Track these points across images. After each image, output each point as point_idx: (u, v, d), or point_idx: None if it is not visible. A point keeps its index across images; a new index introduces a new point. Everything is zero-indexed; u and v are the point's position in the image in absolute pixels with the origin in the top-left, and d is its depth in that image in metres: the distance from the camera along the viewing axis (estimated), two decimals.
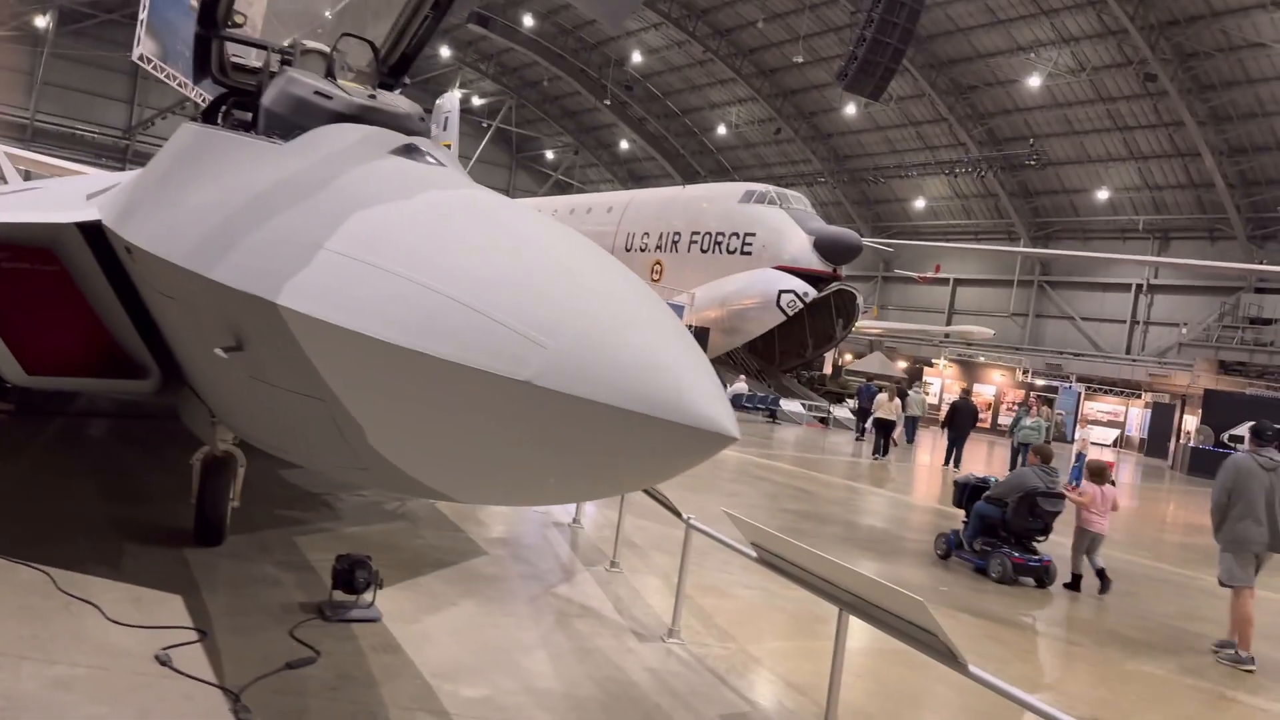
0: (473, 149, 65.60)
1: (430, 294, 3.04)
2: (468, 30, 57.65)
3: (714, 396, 2.90)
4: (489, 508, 9.77)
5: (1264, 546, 7.67)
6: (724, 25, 50.69)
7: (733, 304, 31.86)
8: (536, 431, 2.90)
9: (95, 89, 56.54)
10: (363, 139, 4.15)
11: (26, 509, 7.43)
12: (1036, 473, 9.96)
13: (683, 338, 3.14)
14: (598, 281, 3.25)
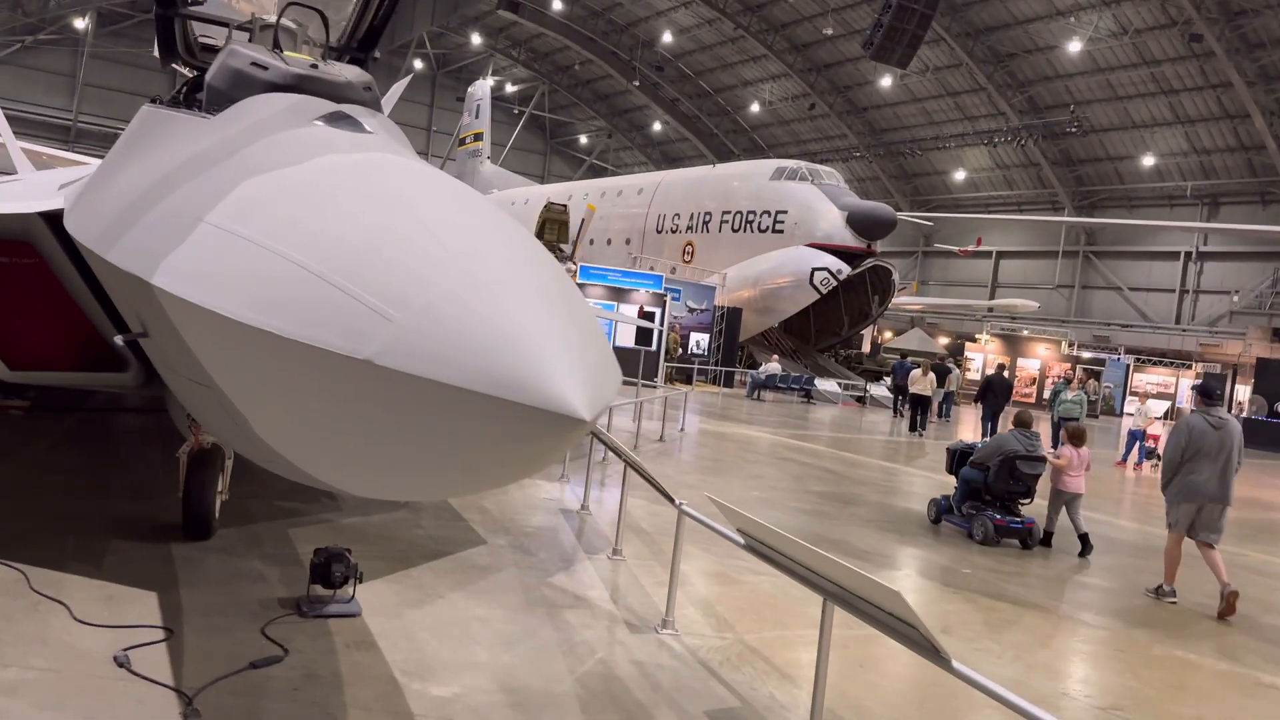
0: (507, 136, 65.58)
1: (283, 264, 2.77)
2: (498, 17, 57.52)
3: (568, 372, 2.56)
4: (497, 496, 9.59)
5: (1211, 498, 8.20)
6: (754, 1, 49.94)
7: (765, 283, 31.44)
8: (387, 416, 2.62)
9: (135, 89, 57.14)
10: (288, 107, 3.92)
11: (19, 506, 7.37)
12: (1016, 437, 10.11)
13: (558, 306, 2.83)
14: (472, 247, 2.92)
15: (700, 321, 30.43)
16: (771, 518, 10.20)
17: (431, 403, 2.50)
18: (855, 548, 9.19)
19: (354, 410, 2.67)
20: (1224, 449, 8.15)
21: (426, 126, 65.82)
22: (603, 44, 57.64)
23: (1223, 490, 8.17)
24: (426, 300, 2.59)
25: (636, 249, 36.24)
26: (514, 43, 63.21)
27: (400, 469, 2.88)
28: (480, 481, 3.03)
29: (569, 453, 12.24)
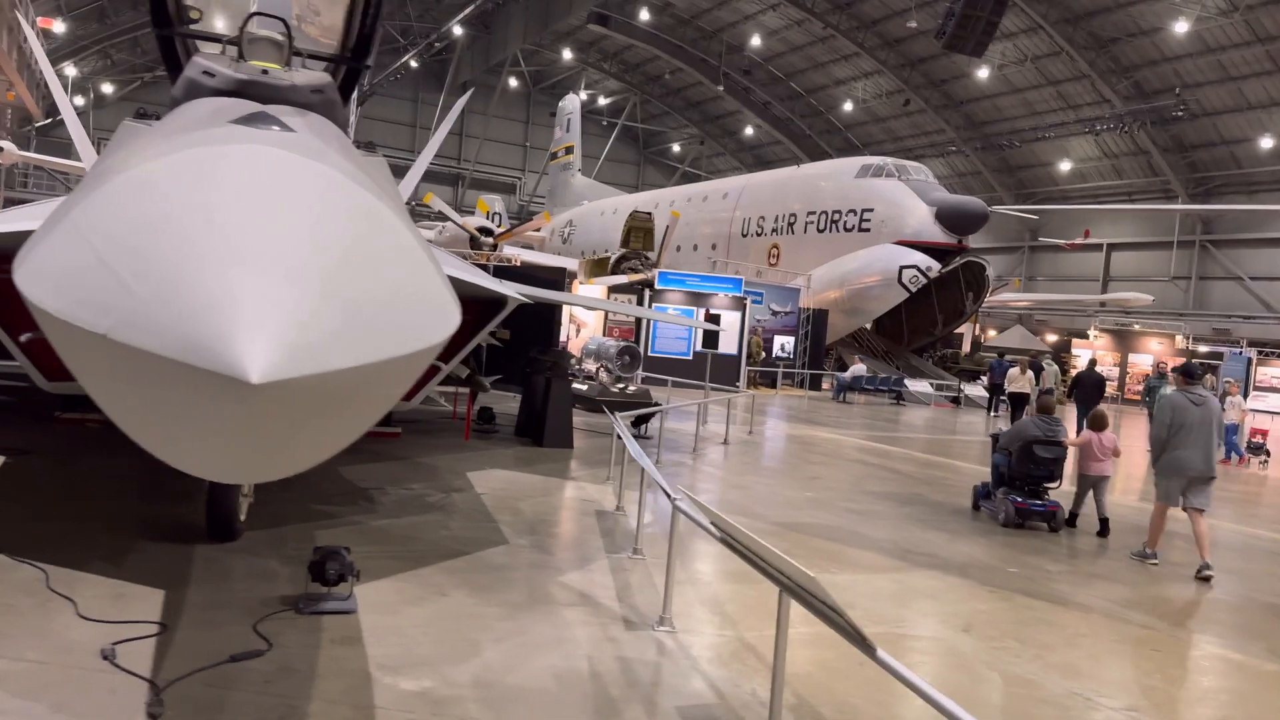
0: (600, 148, 66.26)
1: (87, 251, 2.81)
2: (588, 31, 58.25)
3: (256, 336, 2.46)
4: (535, 498, 9.66)
5: (1198, 471, 8.75)
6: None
7: (852, 283, 30.87)
8: (145, 393, 2.63)
9: None
10: (213, 110, 4.03)
11: (63, 509, 7.73)
12: (1035, 423, 10.45)
13: (316, 282, 2.74)
14: (253, 228, 2.85)
15: (785, 324, 30.05)
16: (813, 517, 10.01)
17: (152, 372, 2.50)
18: (894, 546, 8.90)
19: (127, 386, 2.70)
20: (1205, 424, 8.75)
21: (523, 143, 67.02)
22: (692, 52, 57.67)
23: (1207, 464, 8.76)
24: (167, 269, 2.59)
25: (723, 254, 36.06)
26: (605, 56, 63.85)
27: (185, 445, 2.88)
28: (259, 459, 2.89)
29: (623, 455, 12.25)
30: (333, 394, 2.66)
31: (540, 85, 66.46)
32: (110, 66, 56.32)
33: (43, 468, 9.33)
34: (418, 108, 63.61)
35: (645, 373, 24.27)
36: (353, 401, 2.85)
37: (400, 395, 3.32)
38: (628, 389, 17.62)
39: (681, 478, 11.73)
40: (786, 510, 10.36)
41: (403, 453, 11.59)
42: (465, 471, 10.62)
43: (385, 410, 3.39)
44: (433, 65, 62.07)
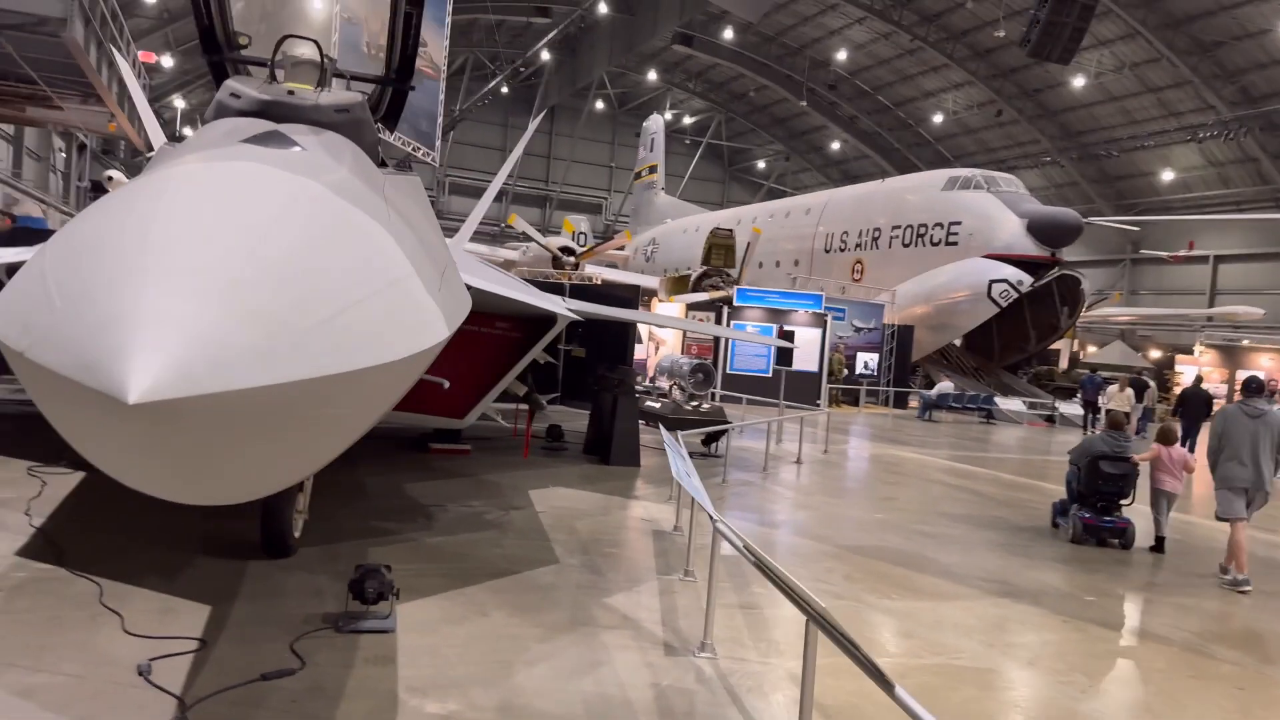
0: (685, 167, 66.40)
1: (33, 270, 2.80)
2: (673, 52, 58.53)
3: (151, 355, 2.36)
4: (593, 517, 9.57)
5: (1249, 484, 8.70)
6: (931, 10, 48.38)
7: (939, 299, 30.11)
8: (64, 412, 2.57)
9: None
10: (229, 130, 4.06)
11: (129, 524, 7.92)
12: (1103, 438, 10.37)
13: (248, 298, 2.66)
14: (201, 243, 2.80)
15: (868, 341, 29.46)
16: (882, 540, 9.69)
17: (60, 391, 2.46)
18: (964, 571, 8.53)
19: (49, 403, 2.67)
20: (1258, 437, 8.69)
21: (608, 163, 67.57)
22: (776, 68, 57.39)
23: (1258, 477, 8.69)
24: (82, 286, 2.55)
25: (805, 270, 35.61)
26: (689, 75, 64.02)
27: (117, 463, 2.83)
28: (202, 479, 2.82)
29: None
30: (257, 413, 2.58)
31: (626, 107, 66.94)
32: None
33: (114, 484, 9.54)
34: (507, 132, 64.69)
35: (724, 391, 24.10)
36: (295, 420, 2.76)
37: (377, 412, 3.24)
38: (701, 407, 17.44)
39: (747, 497, 11.52)
40: (854, 532, 10.06)
41: (470, 470, 11.64)
42: (528, 489, 10.60)
43: (359, 428, 3.30)
44: (521, 90, 63.11)
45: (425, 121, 26.48)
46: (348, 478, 10.68)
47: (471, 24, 55.98)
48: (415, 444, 12.86)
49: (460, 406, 7.73)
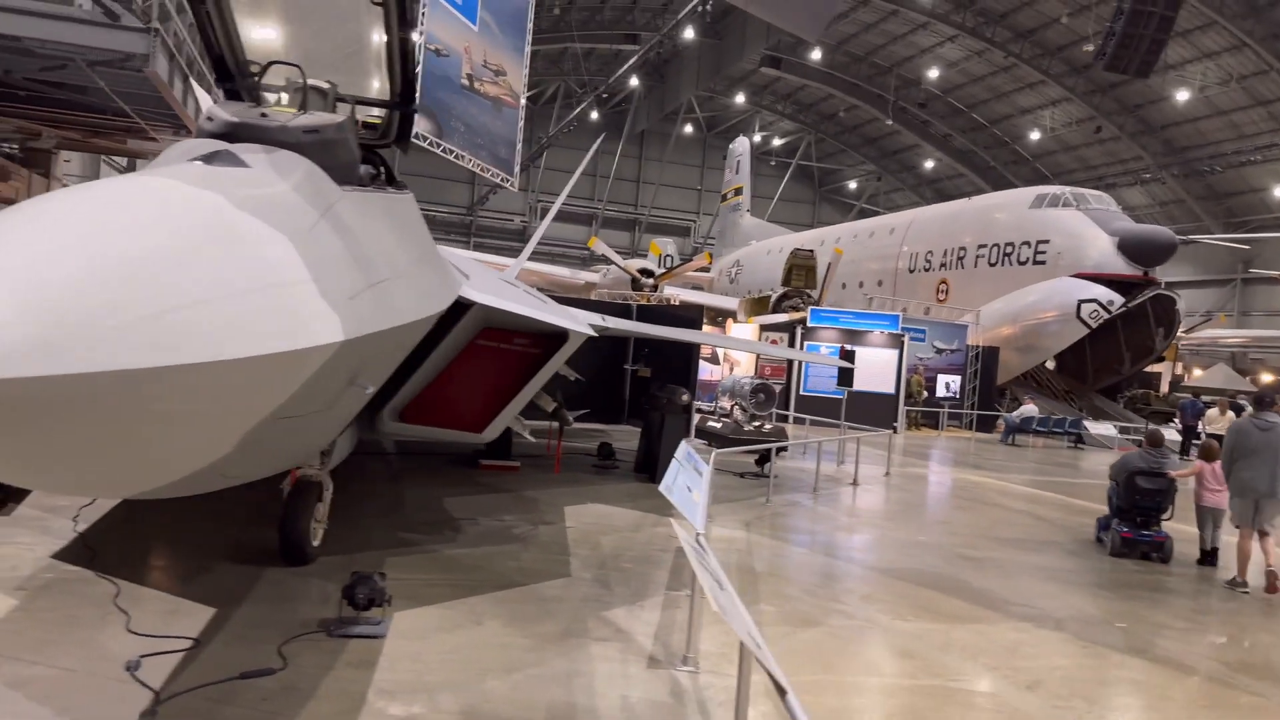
0: (774, 189, 66.17)
1: None
2: (762, 75, 58.58)
3: None
4: (622, 533, 9.60)
5: (1261, 494, 9.15)
6: (1025, 26, 47.30)
7: (1026, 319, 29.23)
8: None
9: (441, 173, 63.61)
10: (185, 150, 4.28)
11: (170, 531, 8.29)
12: (1141, 455, 10.72)
13: (93, 294, 2.76)
14: (74, 247, 2.93)
15: (950, 363, 28.76)
16: (918, 562, 9.48)
17: None
18: (994, 595, 8.27)
19: None
20: (1270, 448, 9.12)
21: (697, 186, 67.81)
22: (866, 88, 56.84)
23: (1272, 486, 9.10)
24: None
25: (889, 291, 35.04)
26: (778, 97, 63.88)
27: None
28: (44, 468, 3.01)
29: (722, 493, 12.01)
30: (49, 403, 2.68)
31: (715, 130, 67.14)
32: None
33: None
34: (597, 158, 65.52)
35: (797, 413, 23.87)
36: (114, 414, 2.86)
37: (255, 414, 3.30)
38: (763, 428, 17.32)
39: (787, 518, 11.39)
40: (890, 554, 9.85)
41: (513, 486, 11.82)
42: (565, 505, 10.70)
43: (232, 429, 3.38)
44: (611, 116, 63.90)
45: (504, 148, 27.12)
46: (389, 491, 10.99)
47: (562, 53, 57.09)
48: (467, 461, 13.13)
49: (477, 421, 7.88)
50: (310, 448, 4.72)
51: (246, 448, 3.49)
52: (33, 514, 8.30)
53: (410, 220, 5.91)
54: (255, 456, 3.81)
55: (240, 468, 3.82)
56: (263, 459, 4.03)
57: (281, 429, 3.70)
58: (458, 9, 24.16)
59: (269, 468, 4.75)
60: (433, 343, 7.10)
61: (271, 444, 3.83)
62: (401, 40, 6.02)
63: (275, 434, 3.70)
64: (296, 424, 3.84)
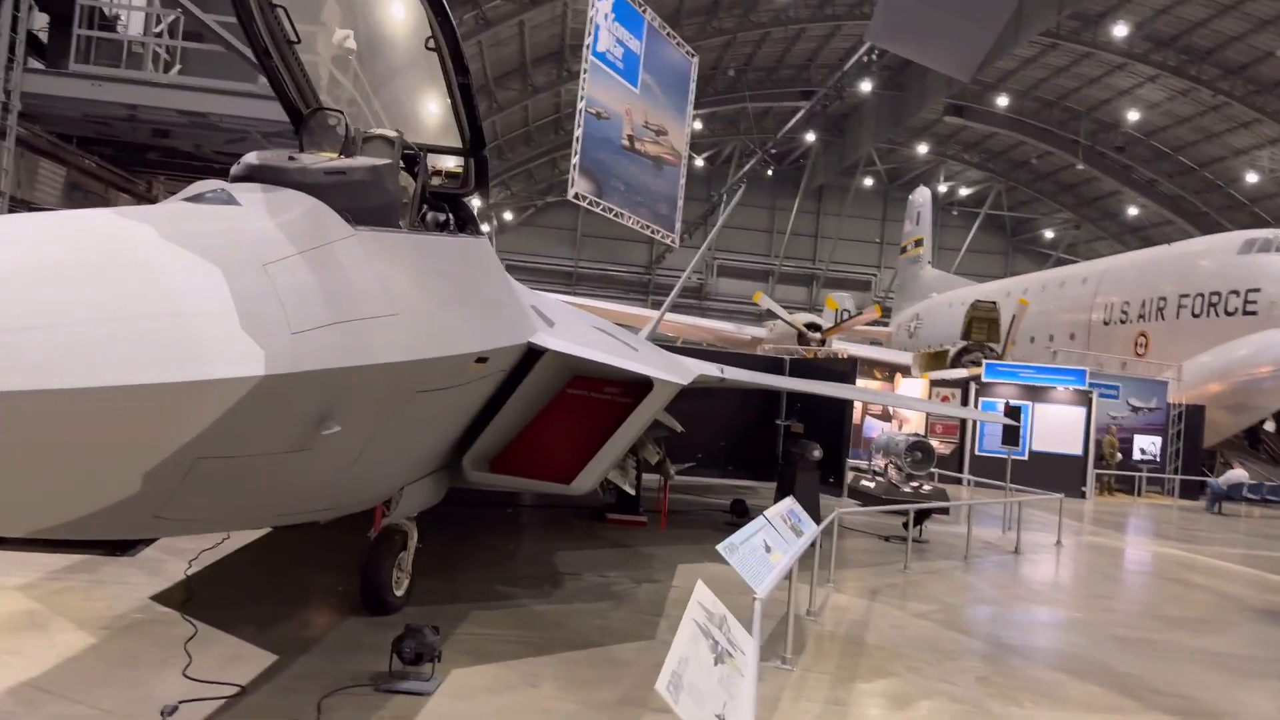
0: (961, 240, 63.76)
1: None
2: (945, 124, 56.94)
3: None
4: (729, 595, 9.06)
5: None
6: (1235, 62, 43.81)
7: (1236, 375, 26.47)
8: None
9: (621, 234, 65.19)
10: (190, 190, 4.30)
11: (279, 577, 8.47)
12: None
13: None
14: None
15: (1148, 422, 26.31)
16: (1056, 641, 8.54)
17: None
18: (1139, 683, 7.21)
19: None
20: None
21: (878, 240, 66.28)
22: (1060, 133, 54.06)
23: None
24: None
25: (1081, 344, 32.64)
26: (965, 146, 61.72)
27: None
28: None
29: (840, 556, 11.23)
30: None
31: (897, 182, 65.52)
32: (510, 196, 63.98)
33: (284, 539, 10.05)
34: (773, 214, 65.34)
35: (973, 476, 22.46)
36: None
37: (144, 450, 3.18)
38: (922, 488, 16.29)
39: (922, 587, 10.50)
40: (1026, 631, 8.86)
41: (634, 541, 11.53)
42: (679, 563, 10.29)
43: (118, 465, 3.25)
44: (789, 172, 63.70)
45: (665, 205, 27.32)
46: (503, 542, 10.90)
47: (738, 113, 57.47)
48: (595, 515, 12.95)
49: (566, 472, 7.65)
50: (303, 493, 4.60)
51: (165, 488, 3.39)
52: (155, 556, 8.69)
53: (464, 265, 5.81)
54: (194, 500, 3.70)
55: (181, 510, 3.72)
56: (216, 504, 3.91)
57: (221, 470, 3.58)
58: (619, 73, 24.67)
59: (243, 516, 4.62)
60: (508, 391, 6.97)
61: (215, 487, 3.70)
62: (461, 85, 5.98)
63: (215, 475, 3.58)
64: (246, 465, 3.71)
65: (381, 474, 5.52)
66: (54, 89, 15.49)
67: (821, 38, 49.89)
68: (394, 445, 5.20)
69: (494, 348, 5.75)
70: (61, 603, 7.01)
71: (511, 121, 53.05)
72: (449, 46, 5.68)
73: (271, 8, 5.63)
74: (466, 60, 5.83)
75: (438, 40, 5.65)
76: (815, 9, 46.70)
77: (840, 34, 48.27)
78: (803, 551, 7.44)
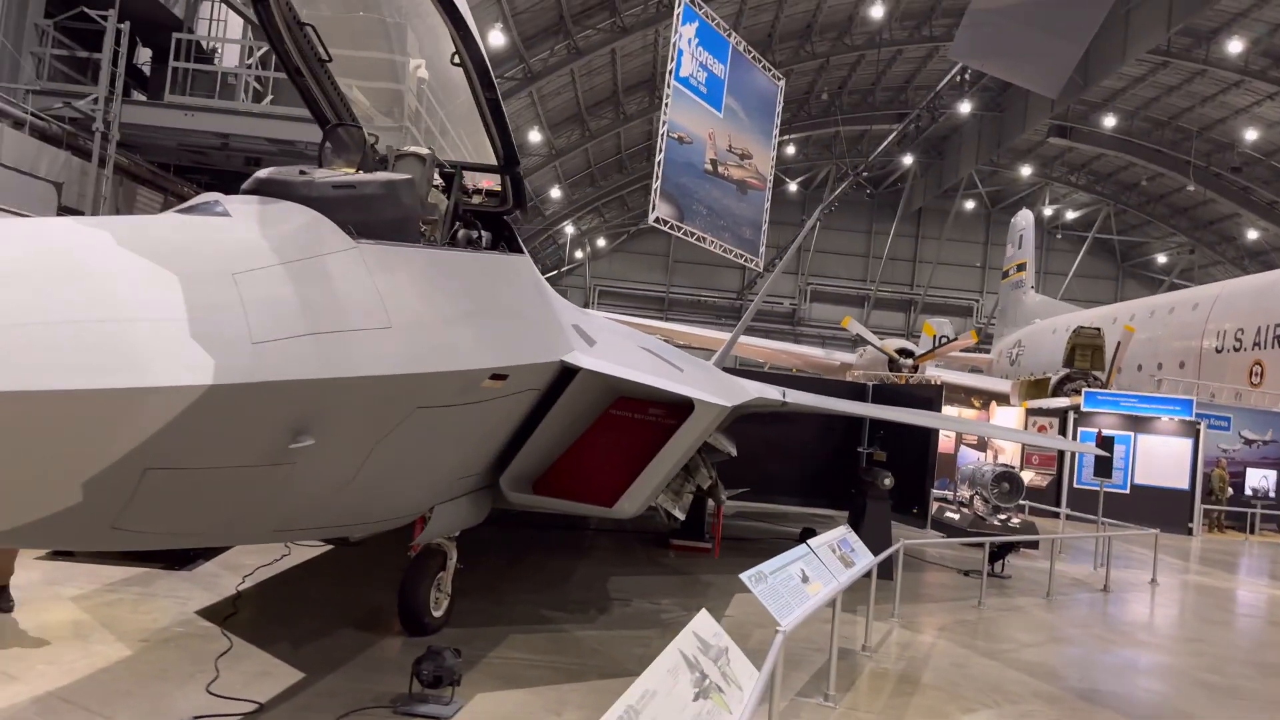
0: (1068, 264, 61.59)
1: None
2: (1050, 145, 55.28)
3: None
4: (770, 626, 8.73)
5: None
6: None
7: None
8: None
9: (713, 259, 64.93)
10: (189, 202, 4.29)
11: (328, 594, 8.49)
12: None
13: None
14: None
15: (1264, 455, 24.70)
16: (1140, 686, 7.98)
17: None
18: None
19: None
20: None
21: (980, 264, 64.52)
22: (1171, 154, 51.78)
23: None
24: None
25: (1191, 373, 30.96)
26: (1071, 168, 59.69)
27: None
28: None
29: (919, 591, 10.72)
30: None
31: (1000, 205, 63.69)
32: (603, 223, 64.56)
33: (342, 559, 10.09)
34: (870, 238, 64.26)
35: (1070, 510, 21.49)
36: None
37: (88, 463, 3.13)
38: (1010, 521, 15.61)
39: (994, 625, 9.95)
40: (1101, 674, 8.26)
41: (694, 568, 11.28)
42: (736, 592, 9.97)
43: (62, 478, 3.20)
44: (886, 196, 62.66)
45: (749, 229, 27.07)
46: (561, 565, 10.76)
47: (834, 137, 56.82)
48: (660, 540, 12.74)
49: (607, 495, 7.48)
50: (295, 508, 4.51)
51: (114, 498, 3.34)
52: (213, 570, 8.85)
53: (487, 281, 5.72)
54: (156, 511, 3.64)
55: (142, 522, 3.67)
56: (185, 516, 3.84)
57: (180, 481, 3.51)
58: (702, 97, 24.61)
59: (226, 530, 4.52)
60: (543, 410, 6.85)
61: (176, 499, 3.63)
62: (489, 100, 5.93)
63: (173, 487, 3.51)
64: (210, 478, 3.63)
65: (395, 491, 5.44)
66: (150, 119, 16.23)
67: (919, 59, 49.05)
68: (404, 462, 5.12)
69: (513, 364, 5.63)
70: (109, 614, 7.14)
71: (605, 149, 53.56)
72: (473, 61, 5.63)
73: (300, 26, 5.67)
74: (492, 75, 5.77)
75: (461, 56, 5.61)
76: (912, 30, 45.94)
77: (938, 55, 47.32)
78: (850, 583, 7.11)
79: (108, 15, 15.31)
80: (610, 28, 38.30)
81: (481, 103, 5.94)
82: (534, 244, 62.12)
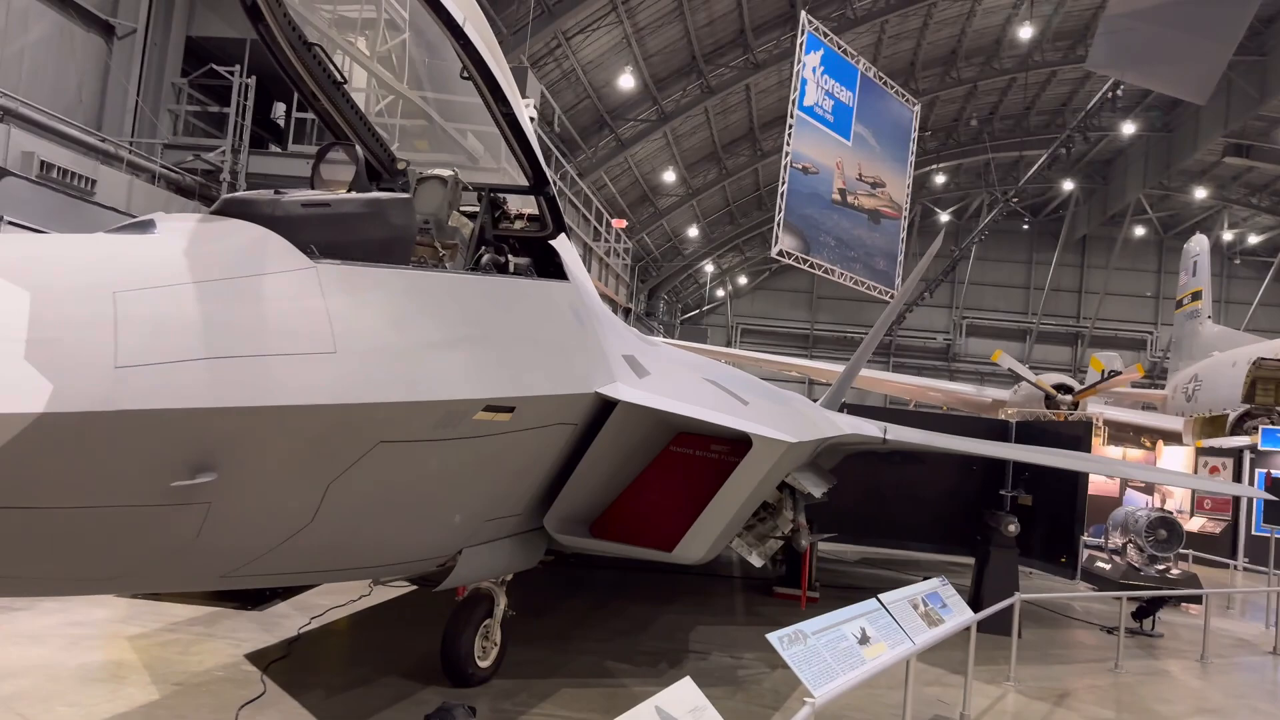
0: (1252, 293, 56.79)
1: None
2: (1227, 166, 51.34)
3: None
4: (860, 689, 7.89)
5: None
6: None
7: None
8: None
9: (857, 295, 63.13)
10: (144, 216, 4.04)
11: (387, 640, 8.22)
12: None
13: None
14: None
15: None
16: None
17: None
18: None
19: None
20: None
21: (1153, 294, 60.36)
22: None
23: None
24: None
25: None
26: (1251, 189, 55.15)
27: None
28: None
29: None
30: None
31: (1173, 231, 59.45)
32: (744, 260, 63.99)
33: (412, 604, 9.82)
34: (1031, 269, 61.14)
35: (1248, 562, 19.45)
36: None
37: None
38: (1169, 571, 14.08)
39: (1131, 692, 8.74)
40: None
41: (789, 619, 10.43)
42: None
43: None
44: (1046, 224, 59.66)
45: (883, 260, 25.96)
46: (643, 610, 10.19)
47: (985, 165, 54.61)
48: (763, 587, 12.03)
49: (665, 539, 6.91)
50: (232, 553, 4.12)
51: None
52: (284, 612, 8.69)
53: (498, 307, 5.29)
54: (16, 559, 3.31)
55: (16, 567, 3.36)
56: (62, 563, 3.48)
57: (35, 523, 3.17)
58: (828, 126, 23.82)
59: (135, 577, 4.09)
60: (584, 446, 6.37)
61: (38, 543, 3.29)
62: (505, 115, 5.56)
63: (29, 529, 3.18)
64: (80, 518, 3.28)
65: (391, 533, 5.04)
66: (276, 168, 16.86)
67: (1075, 80, 46.64)
68: (390, 501, 4.71)
69: (519, 396, 5.16)
70: (157, 655, 7.05)
71: (743, 186, 53.16)
72: (481, 75, 5.28)
73: (307, 47, 5.48)
74: (504, 89, 5.39)
75: (470, 71, 5.27)
76: (1066, 51, 43.75)
77: (1096, 76, 44.80)
78: (929, 645, 6.28)
79: (233, 71, 16.05)
80: (743, 64, 38.03)
81: (496, 117, 5.58)
82: (674, 283, 62.15)
